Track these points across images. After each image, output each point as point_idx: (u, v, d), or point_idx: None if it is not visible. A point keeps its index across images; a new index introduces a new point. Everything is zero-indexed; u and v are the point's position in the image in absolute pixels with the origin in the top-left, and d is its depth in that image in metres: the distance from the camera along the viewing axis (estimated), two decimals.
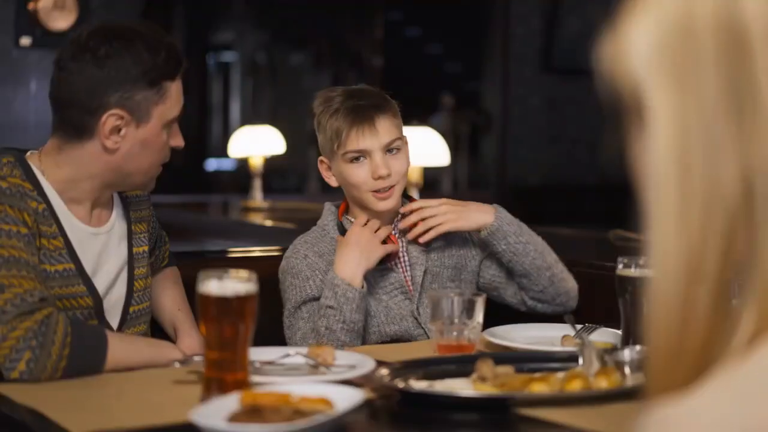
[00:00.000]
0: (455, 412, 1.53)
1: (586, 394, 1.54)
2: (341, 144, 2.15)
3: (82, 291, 1.89)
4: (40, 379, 1.69)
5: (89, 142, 1.88)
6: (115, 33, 1.89)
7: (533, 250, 2.22)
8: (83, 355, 1.73)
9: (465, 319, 1.89)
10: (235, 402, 1.39)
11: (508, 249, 2.21)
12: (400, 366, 1.68)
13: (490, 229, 2.20)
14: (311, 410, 1.36)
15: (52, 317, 1.71)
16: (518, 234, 2.22)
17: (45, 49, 5.11)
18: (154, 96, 1.88)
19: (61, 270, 1.87)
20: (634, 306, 1.86)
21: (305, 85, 10.35)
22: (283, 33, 10.53)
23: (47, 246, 1.86)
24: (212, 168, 10.67)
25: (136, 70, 1.86)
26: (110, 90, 1.85)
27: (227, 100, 11.46)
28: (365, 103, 2.17)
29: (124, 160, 1.90)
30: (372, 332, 2.19)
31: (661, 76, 0.75)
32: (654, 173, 0.76)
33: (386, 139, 2.16)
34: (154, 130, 1.90)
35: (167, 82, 1.90)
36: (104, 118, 1.85)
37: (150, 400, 1.58)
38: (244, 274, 1.53)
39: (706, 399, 0.72)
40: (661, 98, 0.75)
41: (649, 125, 0.76)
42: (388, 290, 2.22)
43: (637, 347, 1.66)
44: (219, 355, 1.52)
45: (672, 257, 0.75)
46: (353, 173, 2.17)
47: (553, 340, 2.02)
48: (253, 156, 5.10)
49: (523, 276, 2.24)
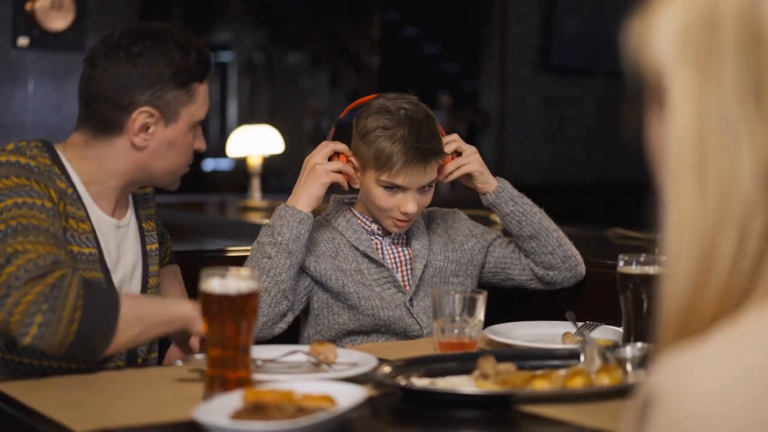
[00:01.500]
0: (457, 410, 1.53)
1: (588, 391, 1.54)
2: (384, 171, 2.16)
3: (100, 278, 1.90)
4: (52, 345, 1.67)
5: (118, 138, 1.91)
6: (148, 33, 1.92)
7: (538, 211, 2.33)
8: (95, 317, 1.71)
9: (466, 316, 1.90)
10: (238, 399, 1.39)
11: (516, 209, 2.29)
12: (402, 363, 1.68)
13: (497, 190, 2.30)
14: (314, 408, 1.36)
15: (65, 279, 1.69)
16: (522, 197, 2.33)
17: (42, 49, 5.11)
18: (184, 96, 1.91)
19: (86, 253, 1.88)
20: (635, 303, 1.86)
21: (303, 85, 10.36)
22: (280, 33, 10.53)
23: (75, 228, 1.87)
24: (210, 168, 10.67)
25: (168, 70, 1.89)
26: (142, 88, 1.88)
27: (225, 100, 11.47)
28: (426, 147, 2.16)
29: (151, 158, 1.93)
30: (367, 314, 2.22)
31: (684, 62, 0.77)
32: (672, 156, 0.78)
33: (427, 180, 2.20)
34: (181, 131, 1.93)
35: (196, 84, 1.93)
36: (135, 114, 1.88)
37: (152, 398, 1.58)
38: (246, 272, 1.54)
39: (722, 346, 0.73)
40: (682, 84, 0.77)
41: (669, 109, 0.78)
42: (381, 282, 2.26)
43: (639, 344, 1.67)
44: (221, 352, 1.52)
45: (686, 242, 0.77)
46: (382, 199, 2.19)
47: (554, 337, 2.03)
48: (252, 155, 5.10)
49: (533, 237, 2.30)
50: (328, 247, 2.25)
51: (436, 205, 2.41)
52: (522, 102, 7.95)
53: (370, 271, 2.25)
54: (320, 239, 2.25)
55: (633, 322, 1.87)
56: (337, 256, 2.24)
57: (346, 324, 2.23)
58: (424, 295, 2.27)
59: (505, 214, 2.30)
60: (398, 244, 2.31)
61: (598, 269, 2.44)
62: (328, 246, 2.25)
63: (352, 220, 2.28)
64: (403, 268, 2.29)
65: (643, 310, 1.85)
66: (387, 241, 2.30)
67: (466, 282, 2.32)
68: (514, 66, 7.89)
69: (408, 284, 2.28)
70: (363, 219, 2.30)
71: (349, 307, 2.22)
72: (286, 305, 2.13)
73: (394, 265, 2.28)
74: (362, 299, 2.21)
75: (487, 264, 2.37)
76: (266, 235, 2.14)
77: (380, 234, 2.29)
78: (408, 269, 2.29)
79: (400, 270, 2.29)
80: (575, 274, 2.35)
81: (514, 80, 7.91)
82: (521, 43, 7.91)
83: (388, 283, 2.26)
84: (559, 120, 8.08)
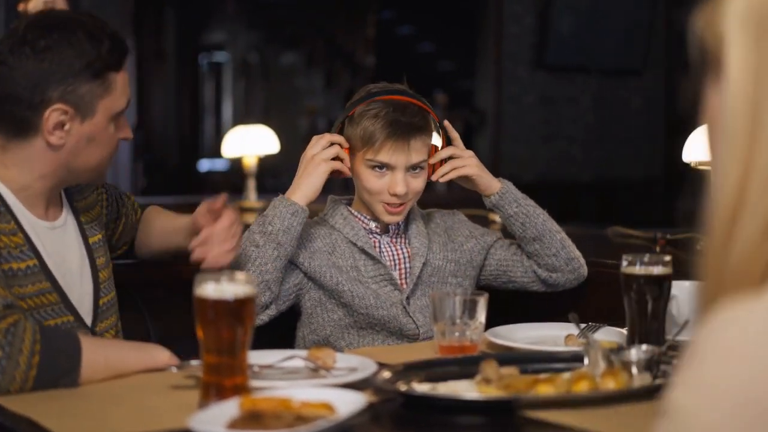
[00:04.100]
0: (460, 415, 1.50)
1: (594, 395, 1.51)
2: (369, 150, 2.16)
3: (47, 287, 1.82)
4: (10, 391, 1.59)
5: (34, 139, 1.80)
6: (55, 23, 1.80)
7: (542, 213, 2.30)
8: (55, 362, 1.62)
9: (467, 319, 1.86)
10: (235, 408, 1.35)
11: (519, 211, 2.26)
12: (402, 368, 1.64)
13: (501, 192, 2.27)
14: (313, 416, 1.32)
15: (19, 325, 1.62)
16: (526, 198, 2.30)
17: None
18: (99, 89, 1.80)
19: (24, 268, 1.79)
20: (639, 304, 1.83)
21: (298, 85, 10.33)
22: (275, 33, 10.50)
23: (8, 243, 1.78)
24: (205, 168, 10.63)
25: (78, 62, 1.78)
26: (52, 84, 1.77)
27: (219, 101, 11.42)
28: (406, 120, 2.16)
29: (72, 156, 1.82)
30: (361, 313, 2.20)
31: (744, 35, 0.83)
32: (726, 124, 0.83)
33: (414, 160, 2.18)
34: (100, 125, 1.82)
35: (112, 74, 1.81)
36: (47, 113, 1.77)
37: (147, 406, 1.55)
38: (242, 276, 1.50)
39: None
40: (741, 55, 0.83)
41: (726, 79, 0.83)
42: (377, 279, 2.23)
43: (644, 347, 1.63)
44: (217, 359, 1.48)
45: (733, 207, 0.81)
46: (371, 180, 2.19)
47: (556, 339, 1.99)
48: (247, 156, 5.06)
49: (536, 239, 2.28)
50: (325, 242, 2.22)
51: (434, 204, 2.39)
52: (518, 101, 7.91)
53: (367, 268, 2.22)
54: (316, 235, 2.22)
55: (637, 324, 1.83)
56: (333, 252, 2.22)
57: (340, 320, 2.20)
58: (421, 294, 2.24)
59: (509, 216, 2.27)
60: (397, 242, 2.28)
61: (599, 269, 2.41)
62: (324, 242, 2.22)
63: (349, 217, 2.26)
64: (401, 266, 2.27)
65: (647, 312, 1.82)
66: (385, 239, 2.27)
67: (464, 283, 2.30)
68: (510, 65, 7.85)
69: (405, 282, 2.26)
70: (360, 217, 2.27)
71: (342, 305, 2.19)
72: (269, 296, 2.11)
73: (391, 263, 2.26)
74: (356, 297, 2.19)
75: (488, 266, 2.34)
76: (257, 224, 2.14)
77: (378, 232, 2.27)
78: (406, 267, 2.26)
79: (397, 268, 2.26)
80: (578, 276, 2.33)
81: (510, 79, 7.87)
82: (517, 41, 7.87)
83: (384, 281, 2.23)
84: (555, 118, 8.04)
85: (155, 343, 1.83)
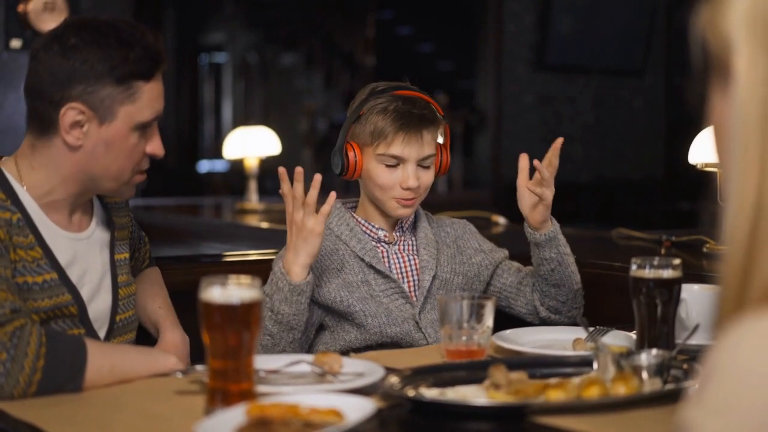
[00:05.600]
0: (469, 421, 1.48)
1: (605, 401, 1.49)
2: (381, 144, 2.14)
3: (68, 300, 1.81)
4: (14, 395, 1.58)
5: (55, 137, 1.79)
6: (91, 26, 1.79)
7: (572, 262, 2.25)
8: (60, 366, 1.61)
9: (474, 323, 1.84)
10: (242, 414, 1.33)
11: (557, 257, 2.21)
12: (410, 373, 1.62)
13: (550, 234, 2.21)
14: (322, 423, 1.30)
15: (25, 329, 1.61)
16: (566, 246, 2.24)
17: None
18: (121, 95, 1.78)
19: (40, 282, 1.77)
20: (648, 308, 1.80)
21: (297, 85, 10.31)
22: (274, 33, 10.49)
23: (25, 257, 1.76)
24: (204, 170, 10.62)
25: (103, 64, 1.76)
26: (74, 83, 1.76)
27: (219, 101, 11.41)
28: (418, 112, 2.14)
29: (89, 160, 1.80)
30: (373, 332, 2.16)
31: (752, 40, 0.80)
32: (736, 131, 0.81)
33: (427, 152, 2.16)
34: (120, 131, 1.79)
35: (139, 82, 1.79)
36: (63, 110, 1.76)
37: (151, 412, 1.52)
38: (247, 280, 1.48)
39: None
40: (749, 61, 0.80)
41: (735, 85, 0.81)
42: (388, 294, 2.19)
43: (654, 351, 1.61)
44: (223, 364, 1.46)
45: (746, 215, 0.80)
46: (383, 175, 2.16)
47: (564, 343, 1.97)
48: (248, 157, 5.04)
49: (555, 286, 2.24)
50: (333, 260, 2.18)
51: (434, 204, 2.36)
52: (518, 100, 7.89)
53: (377, 282, 2.19)
54: (324, 252, 2.18)
55: (647, 328, 1.81)
56: (342, 269, 2.18)
57: (352, 342, 2.17)
58: (431, 308, 2.21)
59: (545, 258, 2.22)
60: (404, 251, 2.25)
61: (606, 271, 2.39)
62: (332, 259, 2.18)
63: (355, 228, 2.22)
64: (409, 278, 2.23)
65: (656, 315, 1.80)
66: (393, 249, 2.24)
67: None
68: (510, 64, 7.84)
69: (415, 295, 2.22)
70: (366, 225, 2.24)
71: (356, 326, 2.16)
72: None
73: (400, 276, 2.22)
74: (368, 317, 2.15)
75: (491, 287, 2.31)
76: (265, 309, 2.03)
77: (386, 241, 2.24)
78: (414, 279, 2.23)
79: (406, 280, 2.23)
80: (572, 321, 2.28)
81: (509, 78, 7.85)
82: (517, 41, 7.86)
83: (395, 294, 2.20)
84: (555, 118, 8.03)
85: (159, 349, 1.82)
